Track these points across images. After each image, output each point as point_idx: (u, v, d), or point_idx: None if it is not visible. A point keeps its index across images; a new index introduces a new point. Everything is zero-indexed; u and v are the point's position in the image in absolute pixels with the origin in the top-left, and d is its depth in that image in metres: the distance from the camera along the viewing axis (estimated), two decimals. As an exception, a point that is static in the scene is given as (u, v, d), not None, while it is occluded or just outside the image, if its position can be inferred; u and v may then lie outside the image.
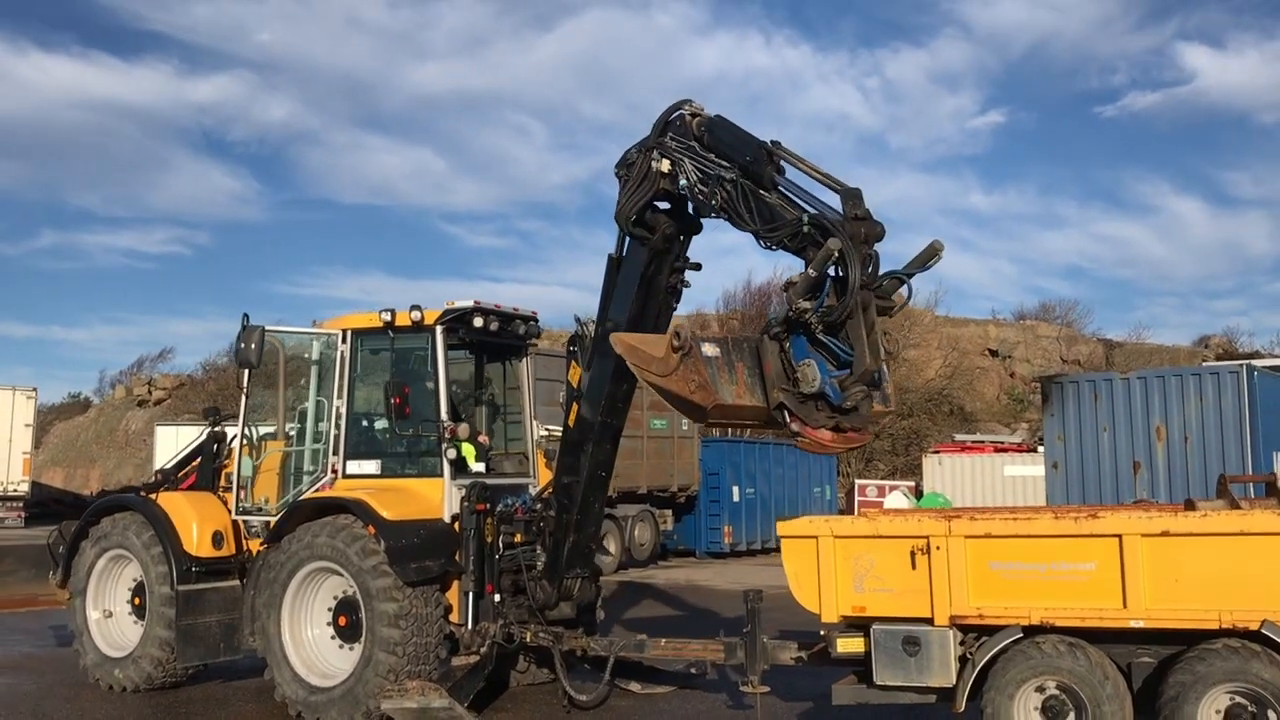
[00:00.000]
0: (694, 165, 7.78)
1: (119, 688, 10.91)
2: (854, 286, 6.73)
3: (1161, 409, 16.62)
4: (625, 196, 8.46)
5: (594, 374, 9.26)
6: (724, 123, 7.83)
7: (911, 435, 42.10)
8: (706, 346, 7.03)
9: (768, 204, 7.32)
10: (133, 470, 50.04)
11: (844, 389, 6.83)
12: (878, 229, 6.98)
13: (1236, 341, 52.89)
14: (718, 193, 7.56)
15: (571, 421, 9.48)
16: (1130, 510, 8.51)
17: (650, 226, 8.52)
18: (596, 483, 9.60)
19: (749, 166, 7.43)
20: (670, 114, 8.11)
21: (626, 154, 8.40)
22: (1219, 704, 7.11)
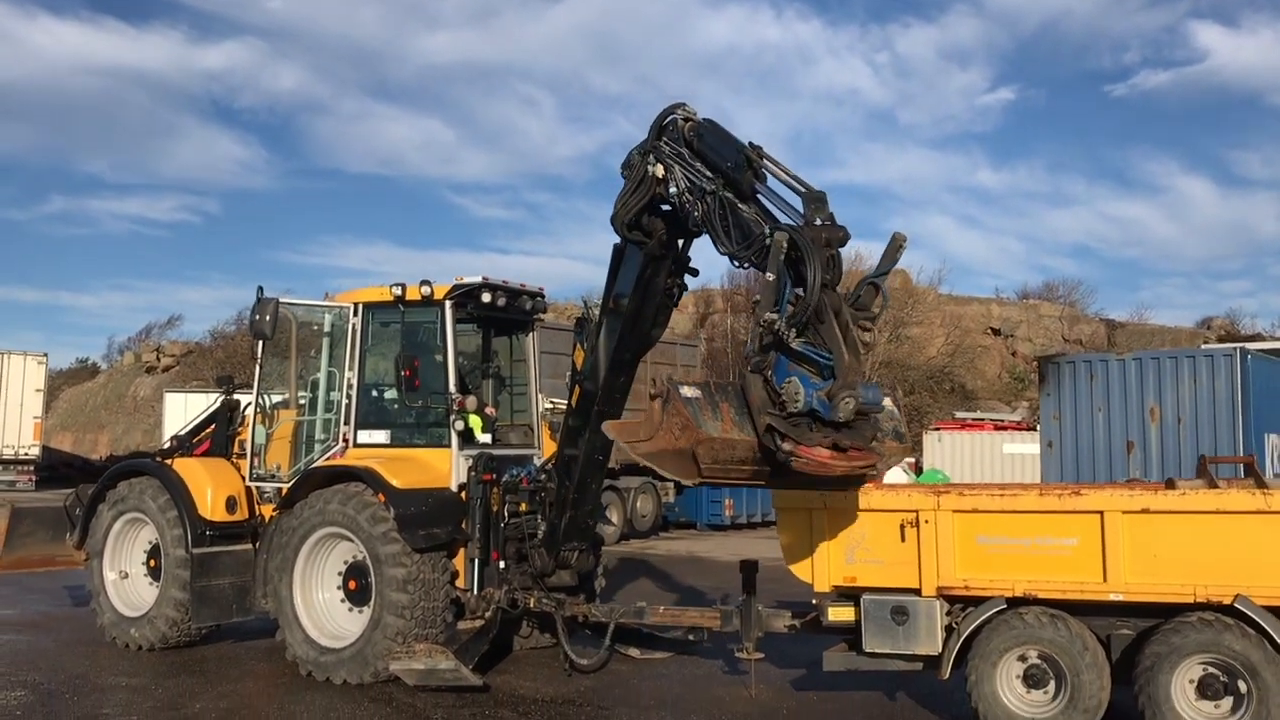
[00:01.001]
0: (683, 173, 7.80)
1: (135, 646, 11.26)
2: (814, 283, 6.56)
3: (1156, 390, 16.85)
4: (621, 201, 8.47)
5: (591, 364, 9.48)
6: (713, 128, 7.85)
7: (912, 412, 42.35)
8: (686, 389, 6.90)
9: (743, 219, 7.26)
10: (141, 436, 50.51)
11: (831, 398, 6.50)
12: (840, 233, 6.90)
13: (1239, 323, 53.00)
14: (699, 205, 7.59)
15: (574, 403, 9.75)
16: (1114, 488, 8.79)
17: (648, 231, 8.53)
18: (594, 465, 9.90)
19: (730, 173, 7.43)
20: (664, 118, 8.12)
21: (629, 155, 8.43)
22: (1192, 674, 7.44)
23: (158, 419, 42.67)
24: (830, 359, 6.56)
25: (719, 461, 6.82)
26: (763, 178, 7.32)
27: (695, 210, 7.61)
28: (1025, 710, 7.83)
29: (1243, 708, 7.25)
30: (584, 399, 9.60)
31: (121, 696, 9.37)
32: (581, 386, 9.65)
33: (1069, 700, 7.67)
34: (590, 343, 9.52)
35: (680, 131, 7.96)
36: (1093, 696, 7.63)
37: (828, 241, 6.77)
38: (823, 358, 6.60)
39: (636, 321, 9.08)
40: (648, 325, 9.23)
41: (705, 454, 6.77)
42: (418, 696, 9.25)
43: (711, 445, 6.72)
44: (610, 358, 9.25)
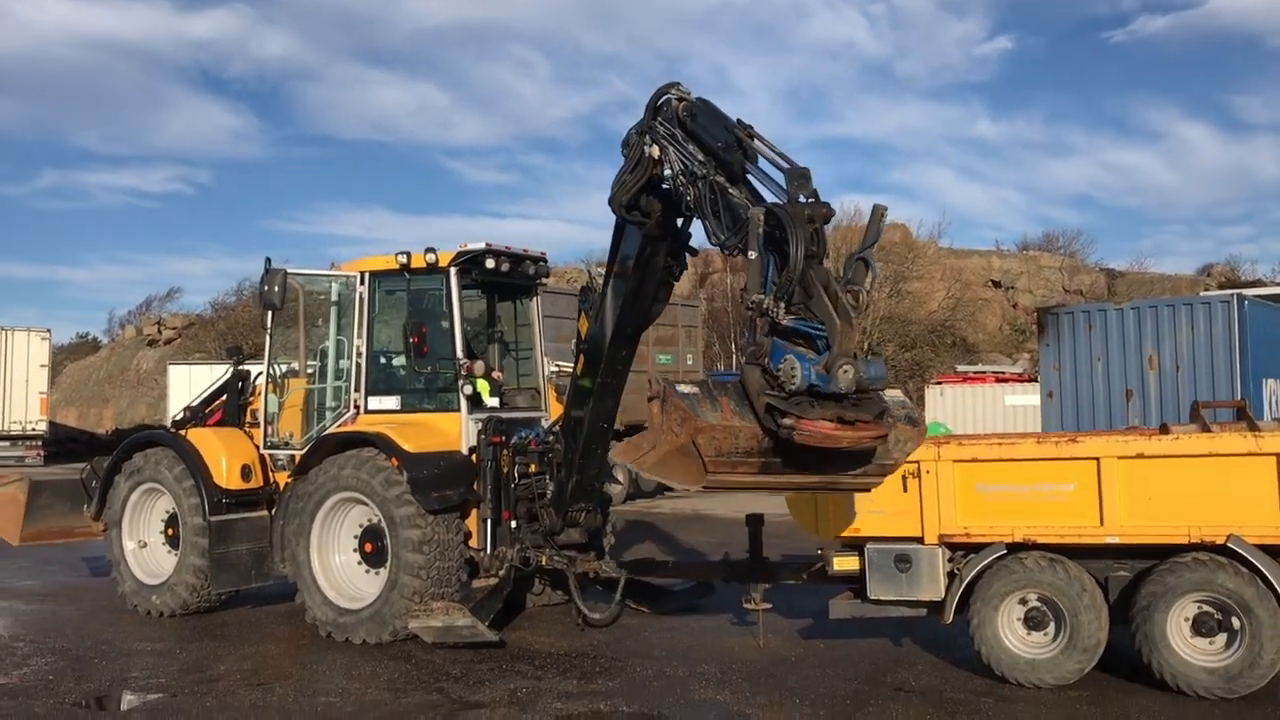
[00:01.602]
0: (677, 155, 7.77)
1: (156, 613, 11.52)
2: (796, 254, 6.47)
3: (1154, 338, 17.04)
4: (619, 181, 8.47)
5: (594, 334, 9.60)
6: (705, 108, 7.81)
7: (914, 366, 42.57)
8: (682, 386, 6.75)
9: (733, 203, 7.19)
10: (145, 409, 50.77)
11: (829, 370, 6.34)
12: (823, 209, 6.77)
13: (1239, 270, 53.07)
14: (691, 190, 7.58)
15: (579, 370, 9.91)
16: (1110, 435, 8.99)
17: (646, 211, 8.51)
18: (598, 432, 10.07)
19: (721, 154, 7.39)
20: (658, 98, 8.07)
21: (628, 134, 8.39)
22: (1187, 612, 7.67)
23: (162, 392, 42.91)
24: (823, 330, 6.47)
25: (722, 453, 6.58)
26: (753, 158, 7.26)
27: (688, 194, 7.62)
28: (1026, 652, 8.07)
29: (1236, 643, 7.49)
30: (589, 368, 9.78)
31: (148, 660, 9.64)
32: (586, 355, 9.81)
33: (1068, 641, 7.91)
34: (594, 311, 9.65)
35: (674, 112, 7.90)
36: (1091, 636, 7.88)
37: (810, 218, 6.65)
38: (816, 330, 6.51)
39: (637, 298, 9.19)
40: (648, 301, 9.34)
41: (706, 444, 6.54)
42: (436, 653, 9.50)
43: (712, 433, 6.51)
44: (613, 331, 9.40)
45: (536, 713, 7.72)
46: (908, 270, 46.54)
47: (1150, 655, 7.68)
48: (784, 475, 6.85)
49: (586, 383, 9.74)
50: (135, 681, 8.93)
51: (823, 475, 6.93)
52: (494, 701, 8.01)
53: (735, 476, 6.79)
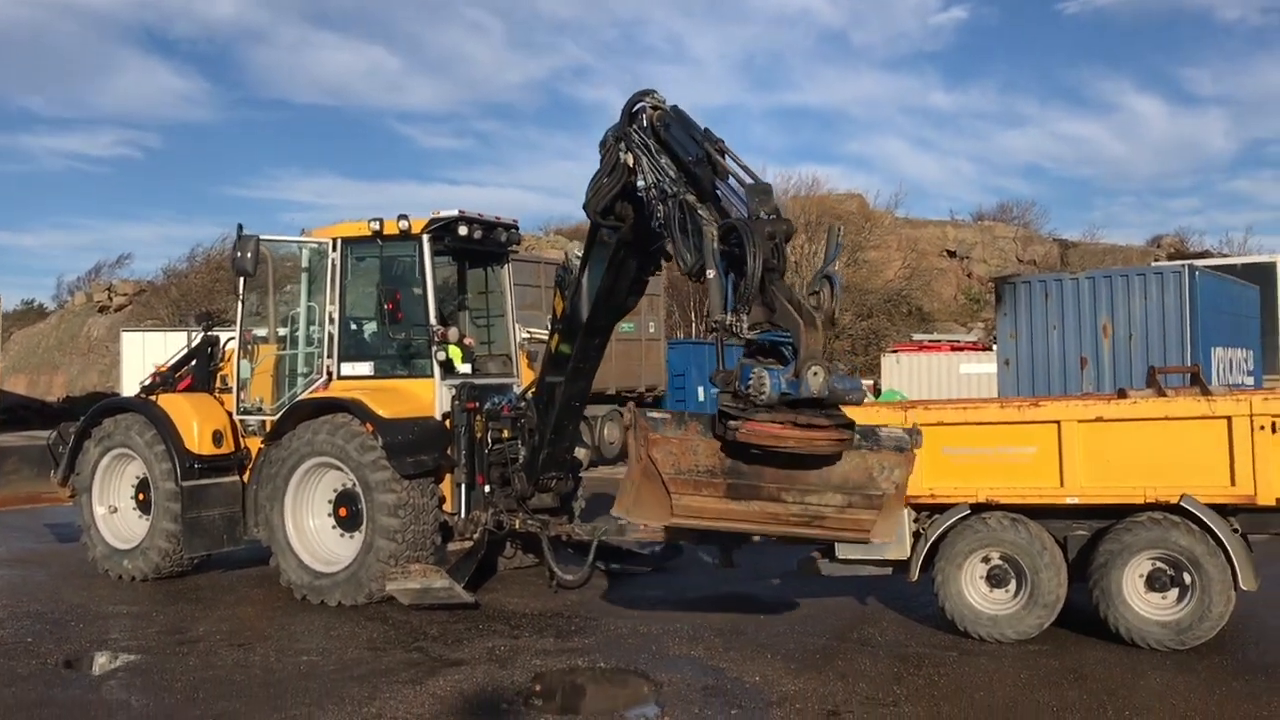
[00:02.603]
0: (650, 166, 7.75)
1: (128, 577, 11.57)
2: (754, 266, 6.43)
3: (1108, 307, 17.47)
4: (594, 186, 8.50)
5: (569, 318, 9.67)
6: (679, 118, 7.79)
7: (870, 335, 43.10)
8: (653, 412, 6.81)
9: (700, 228, 7.02)
10: (97, 376, 50.11)
11: (798, 375, 6.22)
12: (784, 225, 6.71)
13: (1188, 241, 54.13)
14: (660, 208, 7.53)
15: (554, 349, 10.04)
16: (1070, 399, 9.29)
17: (621, 216, 8.51)
18: (570, 410, 10.30)
19: (692, 168, 7.37)
20: (633, 105, 8.07)
21: (605, 135, 8.36)
22: (1142, 569, 8.02)
23: (114, 359, 42.37)
24: (789, 337, 6.42)
25: (681, 470, 6.46)
26: (723, 175, 7.20)
27: (658, 211, 7.60)
28: (989, 608, 8.38)
29: (1187, 598, 7.85)
30: (563, 345, 9.88)
31: (125, 623, 9.72)
32: (560, 335, 9.91)
33: (1029, 597, 8.23)
34: (570, 296, 9.70)
35: (649, 120, 7.90)
36: (1051, 593, 8.20)
37: (771, 234, 6.59)
38: (781, 337, 6.48)
39: (610, 295, 9.34)
40: (622, 297, 9.50)
41: (663, 459, 6.42)
42: (412, 615, 9.66)
43: (668, 446, 6.40)
44: (586, 323, 9.54)
45: (516, 669, 7.92)
46: (865, 240, 46.98)
47: (1106, 610, 8.02)
48: (757, 504, 6.58)
49: (566, 348, 9.87)
50: (115, 643, 9.03)
51: (804, 506, 6.59)
52: (474, 659, 8.20)
53: (700, 500, 6.57)
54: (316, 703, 7.14)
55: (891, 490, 6.67)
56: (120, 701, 7.31)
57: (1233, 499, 7.78)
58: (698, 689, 7.32)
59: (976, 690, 7.17)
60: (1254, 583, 7.81)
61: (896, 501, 6.93)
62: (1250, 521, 8.00)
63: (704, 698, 7.12)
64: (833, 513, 6.64)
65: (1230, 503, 7.82)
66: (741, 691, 7.23)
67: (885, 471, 6.62)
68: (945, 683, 7.35)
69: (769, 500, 6.60)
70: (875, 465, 6.58)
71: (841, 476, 6.59)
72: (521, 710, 6.99)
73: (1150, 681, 7.28)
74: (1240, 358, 19.17)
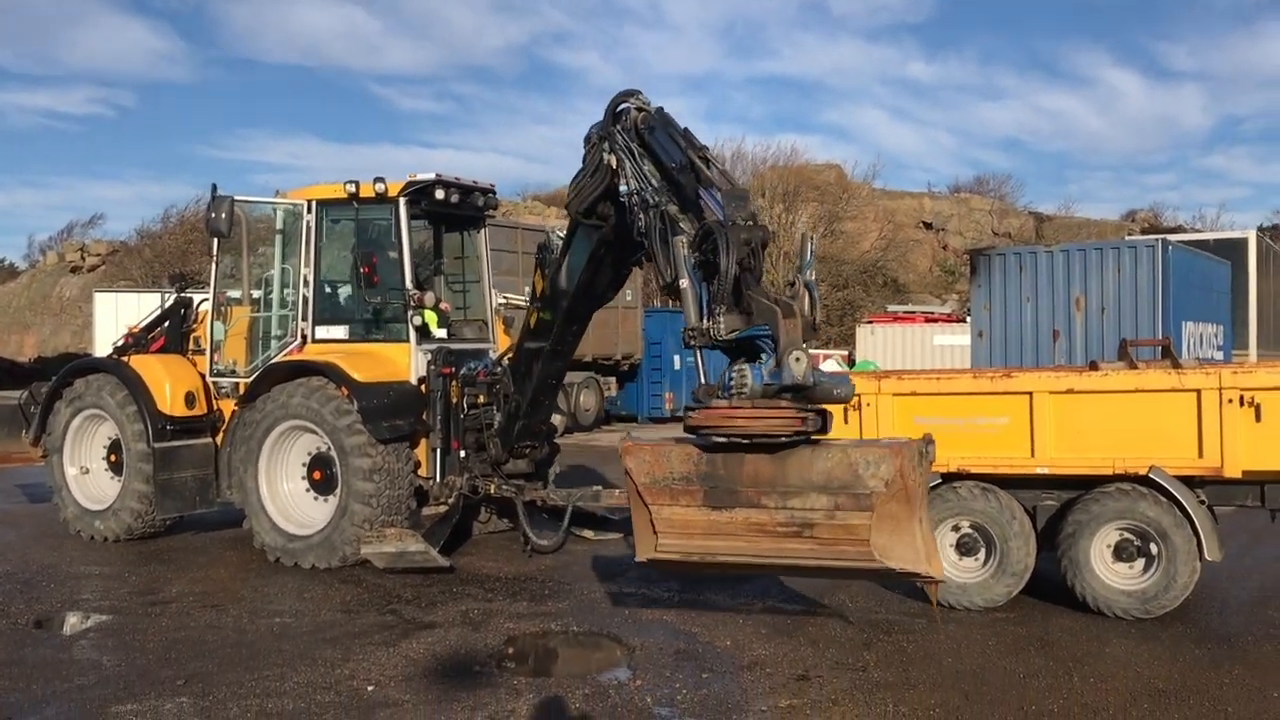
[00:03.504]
0: (633, 171, 7.65)
1: (100, 538, 11.54)
2: (727, 264, 6.37)
3: (1082, 280, 17.60)
4: (577, 187, 8.44)
5: (549, 300, 9.64)
6: (664, 121, 7.69)
7: (846, 306, 43.25)
8: (637, 433, 6.68)
9: (678, 241, 6.93)
10: (69, 337, 49.67)
11: (779, 364, 6.08)
12: (760, 232, 6.65)
13: (1161, 216, 54.49)
14: (642, 217, 7.45)
15: (532, 325, 10.00)
16: (1042, 371, 9.37)
17: (603, 216, 8.47)
18: (547, 388, 10.35)
19: (675, 175, 7.29)
20: (617, 105, 7.95)
21: (589, 132, 8.26)
22: (1110, 539, 8.12)
23: (86, 319, 41.96)
24: (767, 329, 6.28)
25: (657, 479, 6.25)
26: (708, 183, 7.04)
27: (639, 221, 7.49)
28: (958, 576, 8.46)
29: (1153, 567, 7.97)
30: (540, 327, 9.87)
31: (97, 584, 9.69)
32: (539, 316, 9.87)
33: (998, 566, 8.33)
34: (550, 276, 9.64)
35: (633, 122, 7.79)
36: (1020, 562, 8.30)
37: (747, 240, 6.53)
38: (760, 331, 6.33)
39: (590, 289, 9.35)
40: (601, 290, 9.52)
41: (637, 468, 6.24)
42: (386, 578, 9.68)
43: (640, 454, 6.24)
44: (565, 312, 9.55)
45: (489, 632, 7.96)
46: (842, 211, 47.05)
47: (1074, 579, 8.13)
48: (740, 512, 6.16)
49: (548, 315, 9.84)
50: (87, 603, 9.01)
51: (788, 512, 6.06)
52: (447, 622, 8.23)
53: (682, 513, 6.27)
54: (289, 664, 7.16)
55: (879, 487, 5.85)
56: (92, 661, 7.31)
57: (1200, 471, 7.89)
58: (670, 653, 7.38)
59: (945, 657, 7.26)
60: (1218, 554, 7.94)
61: (902, 510, 6.00)
62: (1217, 493, 8.12)
63: (676, 661, 7.18)
64: (822, 518, 6.01)
65: (1198, 474, 7.93)
66: (713, 656, 7.30)
67: (871, 467, 5.88)
68: (914, 649, 7.44)
69: (749, 507, 6.13)
70: (860, 461, 5.91)
71: (824, 475, 5.99)
72: (494, 672, 7.03)
73: (1115, 649, 7.39)
74: (1210, 333, 19.37)
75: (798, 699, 6.44)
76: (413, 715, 6.19)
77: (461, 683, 6.79)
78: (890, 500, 5.92)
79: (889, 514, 5.96)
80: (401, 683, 6.78)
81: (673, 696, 6.49)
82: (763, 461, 6.09)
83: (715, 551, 6.30)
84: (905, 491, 5.96)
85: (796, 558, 6.18)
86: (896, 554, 5.98)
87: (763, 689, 6.64)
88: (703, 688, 6.64)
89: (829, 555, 6.09)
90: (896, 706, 6.27)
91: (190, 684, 6.74)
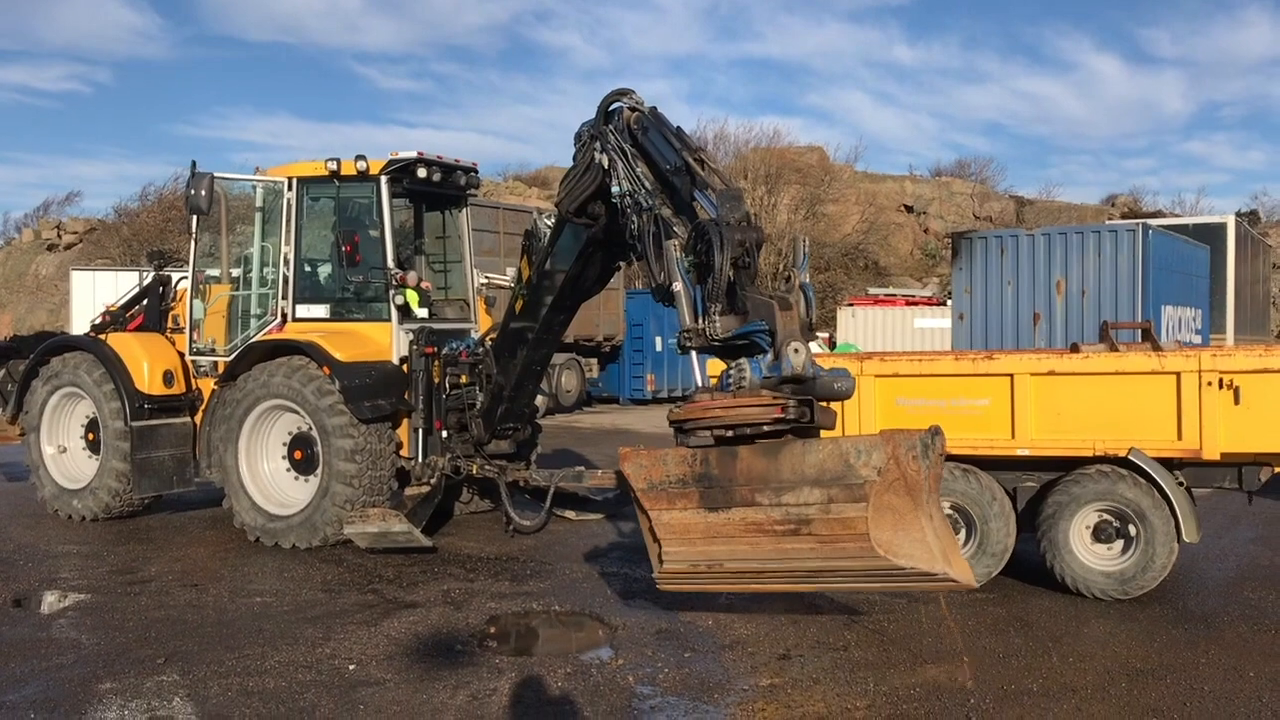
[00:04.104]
0: (626, 174, 7.55)
1: (78, 517, 11.47)
2: (721, 260, 6.28)
3: (1063, 264, 17.66)
4: (567, 186, 8.36)
5: (535, 287, 9.57)
6: (657, 122, 7.56)
7: (827, 289, 43.26)
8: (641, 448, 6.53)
9: (671, 244, 6.90)
10: (46, 315, 49.21)
11: (778, 357, 6.08)
12: (754, 234, 6.55)
13: (1141, 201, 54.70)
14: (635, 221, 7.37)
15: (517, 310, 9.92)
16: (1023, 353, 9.41)
17: (593, 215, 8.41)
18: (531, 374, 10.33)
19: (669, 177, 7.21)
20: (609, 104, 7.85)
21: (580, 129, 8.16)
22: (1089, 520, 8.18)
23: (63, 298, 41.66)
24: (763, 325, 6.23)
25: (654, 484, 6.14)
26: (703, 185, 6.93)
27: (632, 224, 7.42)
28: (938, 556, 8.50)
29: (1132, 549, 8.03)
30: (525, 312, 9.81)
31: (75, 562, 9.63)
32: (524, 302, 9.81)
33: (978, 546, 8.37)
34: (537, 261, 9.55)
35: (625, 122, 7.68)
36: (999, 543, 8.35)
37: (741, 241, 6.43)
38: (756, 326, 6.27)
39: (578, 281, 9.30)
40: (589, 284, 9.47)
41: (635, 474, 6.15)
42: (367, 558, 9.66)
43: (637, 459, 6.15)
44: (552, 303, 9.50)
45: (471, 611, 7.95)
46: (824, 193, 47.03)
47: (1053, 560, 8.19)
48: (737, 512, 6.00)
49: (532, 302, 9.76)
50: (65, 582, 8.95)
51: (783, 509, 5.88)
52: (429, 601, 8.22)
53: (681, 517, 6.14)
54: (270, 643, 7.14)
55: (871, 476, 5.64)
56: (71, 640, 7.26)
57: (1179, 453, 7.93)
58: (651, 632, 7.39)
59: (925, 636, 7.30)
60: (1196, 535, 8.00)
61: (904, 503, 5.80)
62: (1195, 475, 8.18)
63: (657, 641, 7.20)
64: (817, 513, 5.81)
65: (1177, 456, 7.98)
66: (695, 635, 7.31)
67: (863, 456, 5.69)
68: (894, 629, 7.47)
69: (745, 506, 5.96)
70: (851, 451, 5.73)
71: (816, 467, 5.79)
72: (476, 652, 7.02)
73: (1093, 629, 7.45)
74: (1189, 316, 19.49)
75: (779, 678, 6.47)
76: (394, 694, 6.18)
77: (443, 662, 6.78)
78: (886, 491, 5.73)
79: (888, 506, 5.77)
80: (383, 662, 6.77)
81: (655, 675, 6.50)
82: (756, 458, 5.95)
83: (718, 558, 6.12)
84: (904, 482, 5.78)
85: (800, 559, 5.97)
86: (905, 551, 5.76)
87: (744, 668, 6.66)
88: (684, 666, 6.66)
89: (832, 555, 5.87)
90: (877, 685, 6.31)
91: (170, 663, 6.71)
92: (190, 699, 6.10)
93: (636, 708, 5.99)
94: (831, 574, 6.10)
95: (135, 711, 5.90)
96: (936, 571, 5.78)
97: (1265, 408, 7.67)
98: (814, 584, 6.45)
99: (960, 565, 6.02)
